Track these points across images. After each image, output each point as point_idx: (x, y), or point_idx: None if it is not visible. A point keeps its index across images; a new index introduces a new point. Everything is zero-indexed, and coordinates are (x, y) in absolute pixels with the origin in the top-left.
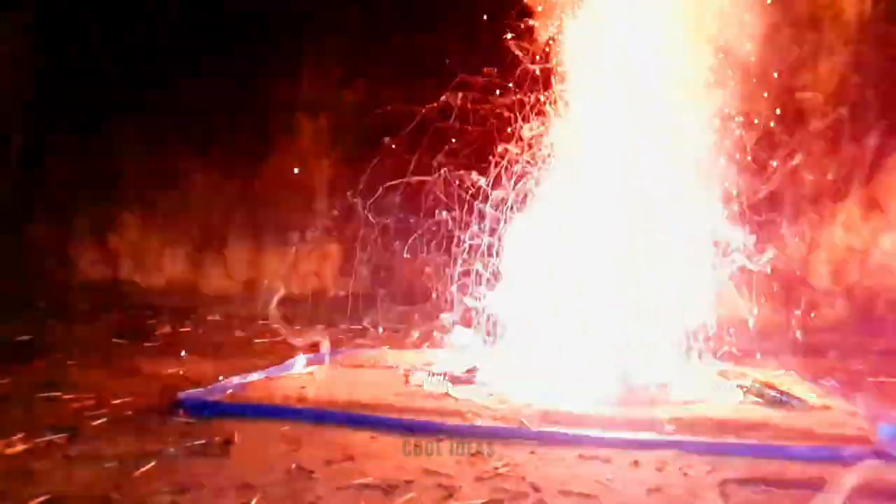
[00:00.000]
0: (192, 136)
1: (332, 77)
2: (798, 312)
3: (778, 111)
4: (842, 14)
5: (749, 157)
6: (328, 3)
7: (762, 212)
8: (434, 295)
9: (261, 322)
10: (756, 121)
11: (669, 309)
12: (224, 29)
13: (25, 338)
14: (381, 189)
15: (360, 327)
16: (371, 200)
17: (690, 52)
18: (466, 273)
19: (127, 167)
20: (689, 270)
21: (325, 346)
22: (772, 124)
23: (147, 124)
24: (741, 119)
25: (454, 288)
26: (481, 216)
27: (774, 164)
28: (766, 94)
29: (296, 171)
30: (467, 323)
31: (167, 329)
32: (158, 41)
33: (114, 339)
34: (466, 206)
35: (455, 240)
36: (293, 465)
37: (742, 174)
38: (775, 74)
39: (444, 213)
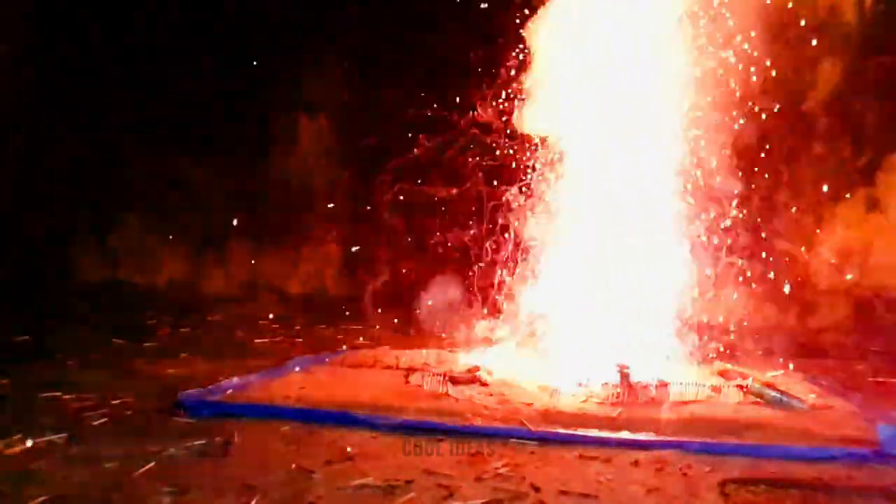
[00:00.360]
0: (192, 136)
1: (332, 77)
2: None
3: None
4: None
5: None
6: (329, 2)
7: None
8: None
9: (260, 322)
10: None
11: (670, 308)
12: (224, 29)
13: (25, 338)
14: (397, 187)
15: (359, 327)
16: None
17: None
18: (490, 285)
19: (127, 167)
20: (689, 270)
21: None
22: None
23: (147, 124)
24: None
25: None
26: (505, 228)
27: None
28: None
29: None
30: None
31: (167, 329)
32: (158, 41)
33: (114, 339)
34: (488, 216)
35: (478, 252)
36: (293, 465)
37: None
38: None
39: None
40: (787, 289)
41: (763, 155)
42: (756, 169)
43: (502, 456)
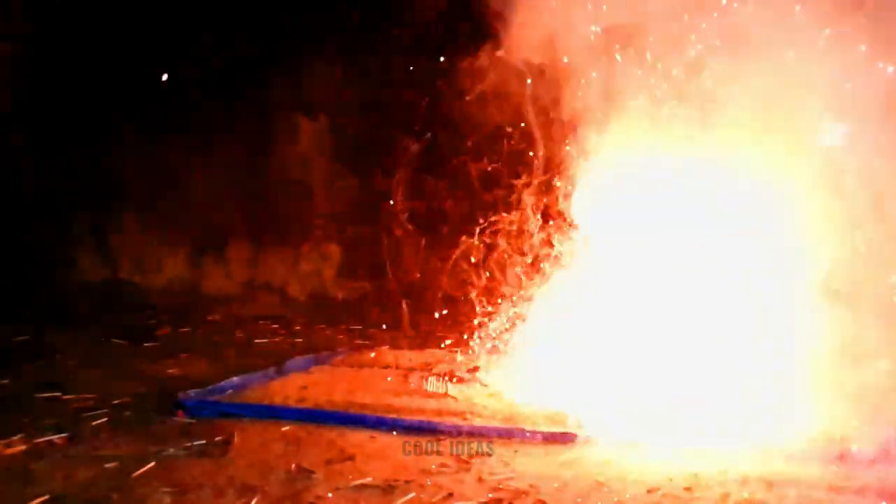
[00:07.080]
0: (193, 136)
1: (332, 77)
2: None
3: None
4: None
5: None
6: (329, 2)
7: None
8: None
9: (260, 322)
10: None
11: None
12: (224, 28)
13: (25, 338)
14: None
15: (359, 327)
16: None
17: None
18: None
19: (127, 167)
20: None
21: None
22: None
23: (147, 124)
24: None
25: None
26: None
27: None
28: None
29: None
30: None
31: (167, 329)
32: (158, 41)
33: (114, 340)
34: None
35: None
36: (293, 465)
37: None
38: None
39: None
40: None
41: None
42: None
43: (502, 456)
